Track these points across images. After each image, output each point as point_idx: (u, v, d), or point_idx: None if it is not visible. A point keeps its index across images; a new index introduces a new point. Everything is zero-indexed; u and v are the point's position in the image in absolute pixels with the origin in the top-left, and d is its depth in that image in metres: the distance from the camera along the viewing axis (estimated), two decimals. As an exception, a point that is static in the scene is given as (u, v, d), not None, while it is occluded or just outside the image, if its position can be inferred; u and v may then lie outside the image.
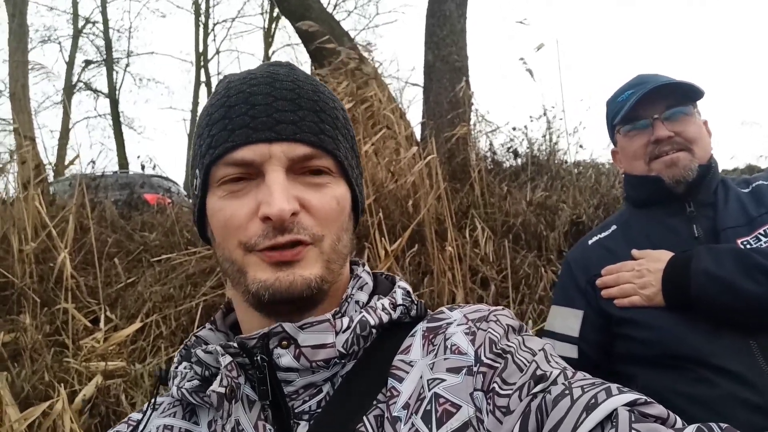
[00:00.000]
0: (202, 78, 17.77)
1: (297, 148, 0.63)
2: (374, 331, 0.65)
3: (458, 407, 0.55)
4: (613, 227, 1.46)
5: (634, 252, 1.33)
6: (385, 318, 0.66)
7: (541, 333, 1.53)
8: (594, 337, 1.34)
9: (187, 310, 3.47)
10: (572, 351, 1.35)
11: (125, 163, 14.79)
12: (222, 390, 0.59)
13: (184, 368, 0.68)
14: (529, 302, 3.10)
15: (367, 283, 0.72)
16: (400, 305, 0.69)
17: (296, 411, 0.62)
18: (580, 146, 5.17)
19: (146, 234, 4.75)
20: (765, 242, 1.22)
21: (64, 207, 4.39)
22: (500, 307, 0.67)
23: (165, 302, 3.57)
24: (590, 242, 1.47)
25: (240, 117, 0.63)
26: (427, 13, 5.79)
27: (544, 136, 4.91)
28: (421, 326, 0.66)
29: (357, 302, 0.69)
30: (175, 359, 0.72)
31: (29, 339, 2.97)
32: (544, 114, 4.84)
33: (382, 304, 0.68)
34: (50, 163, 6.74)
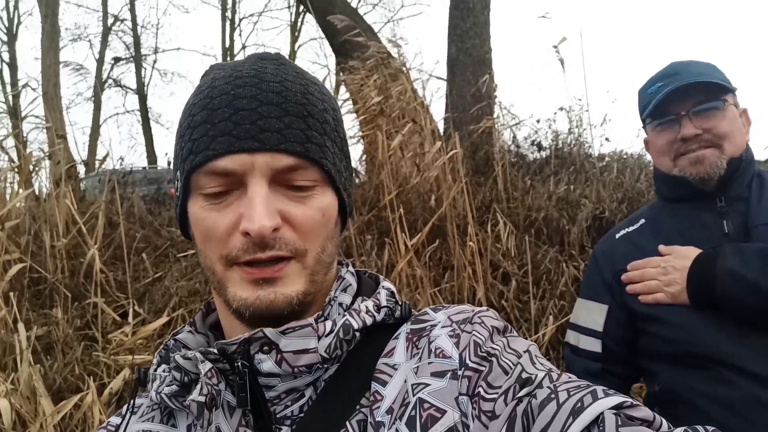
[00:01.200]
0: (229, 73, 17.97)
1: (281, 158, 0.60)
2: (357, 334, 0.64)
3: (443, 412, 0.55)
4: (642, 221, 1.43)
5: (661, 248, 1.31)
6: (369, 321, 0.65)
7: (565, 327, 1.52)
8: (618, 332, 1.33)
9: (212, 305, 3.53)
10: (596, 345, 1.35)
11: (154, 158, 15.07)
12: (202, 399, 0.58)
13: (163, 371, 0.66)
14: (550, 298, 3.07)
15: (350, 285, 0.71)
16: (384, 307, 0.68)
17: (278, 416, 0.61)
18: (606, 139, 5.09)
19: (173, 229, 4.85)
20: None
21: (94, 203, 4.51)
22: (484, 308, 0.66)
23: (191, 297, 3.65)
24: (618, 236, 1.45)
25: (223, 123, 0.59)
26: (451, 5, 5.75)
27: (570, 129, 4.85)
28: (405, 328, 0.65)
29: (340, 305, 0.68)
30: (154, 361, 0.69)
31: (61, 333, 3.07)
32: (569, 107, 4.77)
33: (366, 307, 0.66)
34: (81, 161, 6.91)
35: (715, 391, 1.12)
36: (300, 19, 18.34)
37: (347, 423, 0.58)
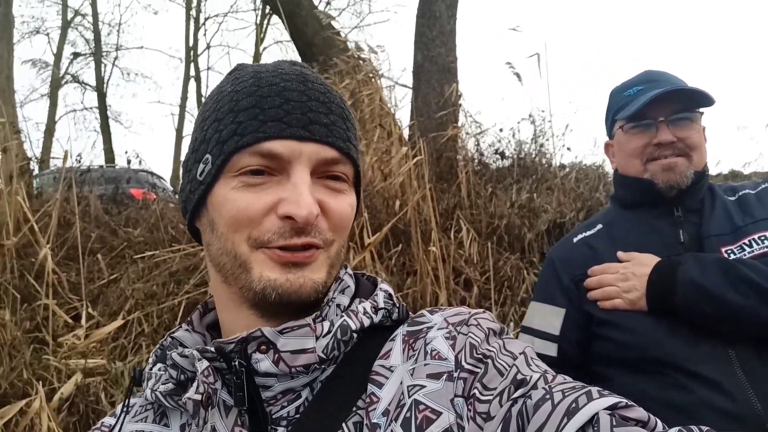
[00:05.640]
0: (192, 73, 17.64)
1: (327, 150, 0.62)
2: (355, 335, 0.64)
3: (438, 414, 0.54)
4: (599, 226, 1.45)
5: (620, 254, 1.32)
6: (367, 322, 0.65)
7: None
8: (575, 336, 1.34)
9: (170, 308, 3.45)
10: (552, 349, 1.34)
11: (112, 157, 14.67)
12: (198, 397, 0.58)
13: (159, 370, 0.66)
14: (511, 304, 3.12)
15: (348, 286, 0.71)
16: (381, 308, 0.69)
17: (274, 417, 0.61)
18: (567, 148, 5.20)
19: (130, 230, 4.73)
20: (749, 252, 1.22)
21: (48, 201, 4.36)
22: (481, 310, 0.67)
23: (147, 300, 3.56)
24: (575, 240, 1.46)
25: (273, 109, 0.61)
26: (418, 13, 5.80)
27: (532, 138, 4.94)
28: (402, 330, 0.65)
29: (338, 306, 0.67)
30: (150, 360, 0.70)
31: (8, 335, 2.94)
32: (532, 118, 4.86)
33: (364, 308, 0.67)
34: (35, 157, 6.67)
35: (670, 395, 1.14)
36: (266, 21, 18.19)
37: (343, 424, 0.58)
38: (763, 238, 1.23)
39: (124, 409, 0.69)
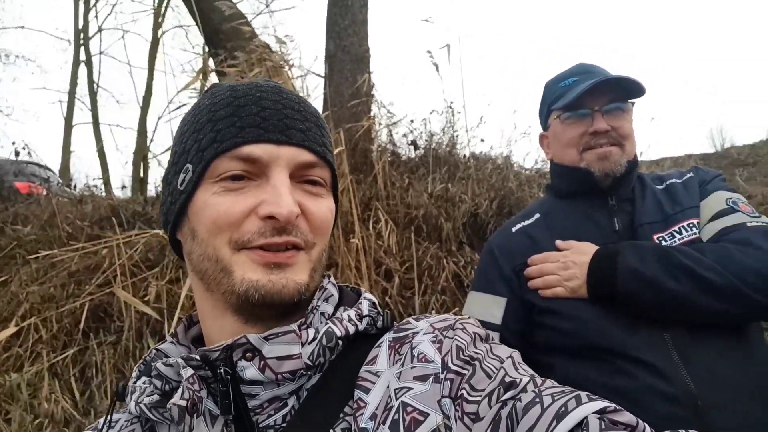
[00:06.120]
0: (82, 57, 16.34)
1: (304, 154, 0.64)
2: (340, 342, 0.65)
3: (426, 415, 0.55)
4: (537, 215, 1.48)
5: (559, 243, 1.35)
6: (352, 329, 0.66)
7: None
8: (516, 325, 1.35)
9: (71, 311, 3.20)
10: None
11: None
12: (183, 403, 0.57)
13: (143, 383, 0.66)
14: (432, 293, 3.16)
15: (332, 295, 0.71)
16: (366, 316, 0.69)
17: (261, 425, 0.61)
18: (481, 140, 5.32)
19: (20, 227, 4.32)
20: (679, 239, 1.28)
21: None
22: (466, 316, 0.69)
23: (44, 303, 3.28)
24: (514, 229, 1.47)
25: (250, 117, 0.63)
26: (329, 1, 5.71)
27: (443, 129, 5.02)
28: (387, 337, 0.66)
29: (322, 314, 0.68)
30: (134, 374, 0.70)
31: None
32: (446, 108, 4.94)
33: (348, 315, 0.67)
34: None
35: (613, 381, 1.17)
36: (165, 4, 17.21)
37: (331, 431, 0.58)
38: (691, 225, 1.30)
39: (107, 423, 0.69)
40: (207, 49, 5.64)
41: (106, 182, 9.69)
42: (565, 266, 1.29)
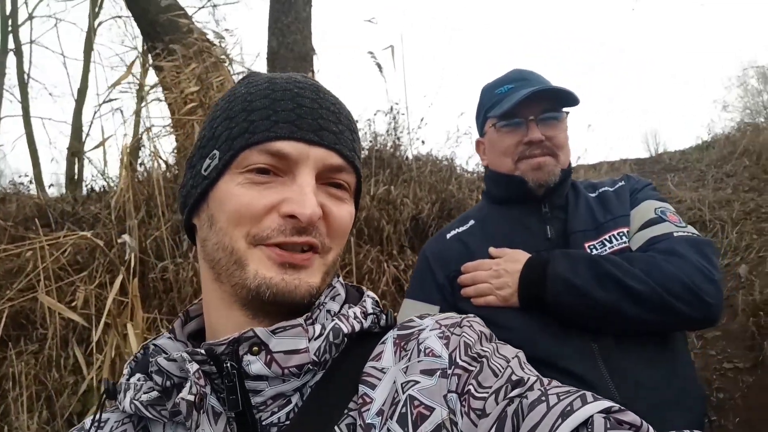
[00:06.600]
0: (11, 45, 15.45)
1: (333, 156, 0.64)
2: (346, 339, 0.65)
3: (431, 409, 0.55)
4: (472, 222, 1.47)
5: (492, 250, 1.34)
6: (357, 326, 0.66)
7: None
8: None
9: (-12, 318, 3.00)
10: None
11: None
12: (191, 398, 0.57)
13: (138, 380, 0.64)
14: (373, 297, 3.13)
15: (339, 294, 0.71)
16: (370, 314, 0.70)
17: (264, 423, 0.60)
18: (422, 142, 5.34)
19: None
20: (609, 248, 1.29)
21: None
22: (472, 315, 0.69)
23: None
24: (449, 236, 1.46)
25: (286, 112, 0.63)
26: (272, -3, 5.61)
27: (387, 131, 5.01)
28: (392, 334, 0.66)
29: (328, 311, 0.68)
30: (125, 371, 0.68)
31: None
32: (396, 110, 4.93)
33: (354, 313, 0.68)
34: None
35: None
36: (102, -7, 16.47)
37: (336, 427, 0.58)
38: (621, 234, 1.32)
39: (95, 423, 0.67)
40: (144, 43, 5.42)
41: (37, 179, 9.20)
42: (497, 274, 1.28)
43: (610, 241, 1.31)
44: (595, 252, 1.29)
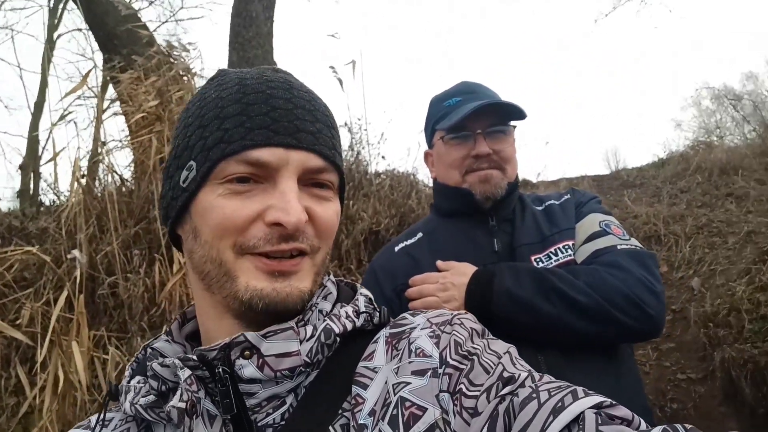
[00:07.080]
0: (-35, 56, 15.00)
1: (314, 159, 0.63)
2: (338, 339, 0.64)
3: (424, 410, 0.55)
4: (419, 235, 1.46)
5: (439, 263, 1.33)
6: (349, 326, 0.66)
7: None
8: None
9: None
10: None
11: None
12: (182, 405, 0.57)
13: (138, 382, 0.64)
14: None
15: (331, 293, 0.71)
16: (363, 312, 0.69)
17: (259, 424, 0.60)
18: (382, 157, 5.36)
19: None
20: (555, 261, 1.29)
21: None
22: (463, 312, 0.68)
23: None
24: (396, 249, 1.45)
25: (260, 117, 0.61)
26: (233, 12, 5.58)
27: (350, 146, 5.01)
28: (384, 332, 0.66)
29: (320, 311, 0.67)
30: (126, 373, 0.68)
31: None
32: (348, 125, 4.94)
33: (346, 312, 0.67)
34: None
35: None
36: (62, 5, 16.18)
37: (330, 428, 0.58)
38: (567, 247, 1.32)
39: (100, 422, 0.67)
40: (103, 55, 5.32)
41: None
42: (444, 287, 1.27)
43: (556, 254, 1.32)
44: (541, 265, 1.30)
